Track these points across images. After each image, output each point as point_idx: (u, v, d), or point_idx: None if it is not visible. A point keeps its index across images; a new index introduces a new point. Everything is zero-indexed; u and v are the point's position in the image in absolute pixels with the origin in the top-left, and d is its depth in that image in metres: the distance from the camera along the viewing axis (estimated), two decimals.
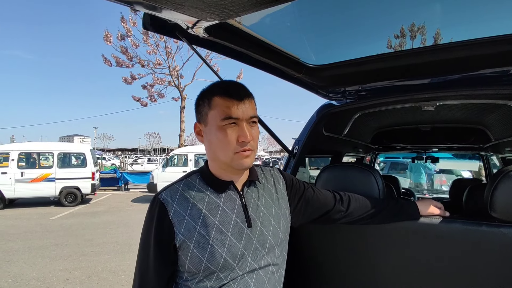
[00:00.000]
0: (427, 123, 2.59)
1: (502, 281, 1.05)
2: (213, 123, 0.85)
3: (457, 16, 1.15)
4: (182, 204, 0.85)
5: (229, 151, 0.84)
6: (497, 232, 1.03)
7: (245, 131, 0.83)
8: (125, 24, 14.20)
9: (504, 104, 1.58)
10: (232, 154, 0.84)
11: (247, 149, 0.84)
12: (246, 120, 0.84)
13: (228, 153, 0.84)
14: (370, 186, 1.23)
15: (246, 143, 0.84)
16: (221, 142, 0.84)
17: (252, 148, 0.86)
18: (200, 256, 0.82)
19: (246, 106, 0.84)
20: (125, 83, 15.61)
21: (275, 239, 0.93)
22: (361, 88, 1.56)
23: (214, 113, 0.84)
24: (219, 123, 0.83)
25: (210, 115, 0.85)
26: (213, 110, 0.84)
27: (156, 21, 0.95)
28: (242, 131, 0.83)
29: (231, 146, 0.83)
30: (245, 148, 0.84)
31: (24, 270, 4.40)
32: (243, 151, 0.84)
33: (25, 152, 9.87)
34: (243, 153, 0.84)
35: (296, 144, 1.66)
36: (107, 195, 12.37)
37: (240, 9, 0.67)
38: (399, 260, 1.20)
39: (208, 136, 0.87)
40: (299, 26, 1.23)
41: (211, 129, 0.86)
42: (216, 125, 0.84)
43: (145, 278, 0.86)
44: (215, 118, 0.84)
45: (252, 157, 0.87)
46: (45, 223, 7.49)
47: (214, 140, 0.85)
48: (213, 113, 0.85)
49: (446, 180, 5.88)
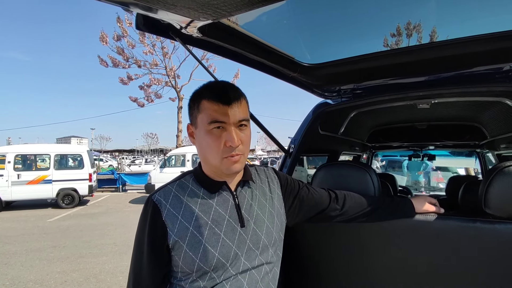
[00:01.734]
0: (423, 121, 2.60)
1: (496, 277, 1.06)
2: (201, 127, 0.84)
3: (452, 14, 1.15)
4: (175, 205, 0.85)
5: (217, 156, 0.83)
6: (492, 229, 1.03)
7: (232, 136, 0.82)
8: (121, 24, 14.14)
9: (499, 101, 1.59)
10: (220, 159, 0.83)
11: (235, 154, 0.83)
12: (234, 124, 0.83)
13: (216, 157, 0.83)
14: (365, 184, 1.24)
15: (234, 148, 0.82)
16: (209, 146, 0.83)
17: (241, 153, 0.85)
18: (193, 256, 0.82)
19: (235, 110, 0.83)
20: (121, 84, 15.56)
21: (269, 238, 0.93)
22: (356, 87, 1.56)
23: (202, 117, 0.84)
24: (206, 127, 0.83)
25: (199, 118, 0.85)
26: (201, 114, 0.84)
27: (149, 21, 0.95)
28: (229, 135, 0.82)
29: (218, 150, 0.83)
30: (233, 154, 0.83)
31: (22, 272, 4.37)
32: (231, 156, 0.83)
33: (22, 154, 9.79)
34: (231, 158, 0.83)
35: (292, 143, 1.66)
36: (104, 197, 12.30)
37: (232, 9, 0.67)
38: (394, 257, 1.21)
39: (198, 139, 0.87)
40: (293, 25, 1.23)
41: (200, 132, 0.85)
42: (204, 129, 0.83)
43: (139, 278, 0.86)
44: (203, 121, 0.83)
45: (241, 161, 0.86)
46: (43, 225, 7.44)
47: (203, 144, 0.85)
48: (201, 116, 0.84)
49: (443, 178, 5.90)
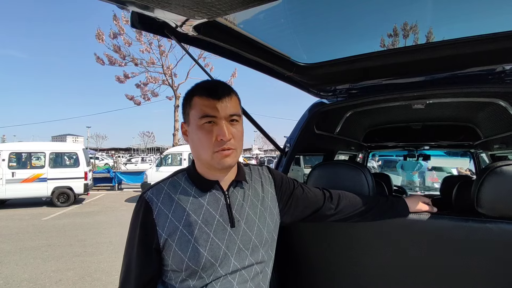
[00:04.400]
0: (418, 121, 2.62)
1: (489, 275, 1.07)
2: (193, 122, 0.86)
3: (448, 15, 1.16)
4: (166, 203, 0.86)
5: (208, 150, 0.84)
6: (484, 228, 1.05)
7: (223, 129, 0.83)
8: (117, 22, 14.04)
9: (492, 102, 1.60)
10: (212, 153, 0.84)
11: (226, 148, 0.84)
12: (225, 118, 0.84)
13: (208, 152, 0.84)
14: (360, 184, 1.24)
15: (225, 142, 0.83)
16: (200, 141, 0.84)
17: (233, 147, 0.86)
18: (182, 255, 0.82)
19: (225, 104, 0.84)
20: (118, 82, 15.46)
21: (259, 239, 0.93)
22: (351, 87, 1.56)
23: (194, 112, 0.85)
24: (197, 122, 0.84)
25: (191, 114, 0.87)
26: (193, 110, 0.86)
27: (144, 19, 0.95)
28: (220, 129, 0.83)
29: (209, 144, 0.83)
30: (224, 147, 0.83)
31: (16, 271, 4.34)
32: (222, 150, 0.84)
33: (16, 152, 9.71)
34: (222, 152, 0.84)
35: (287, 143, 1.67)
36: (100, 195, 12.25)
37: (227, 8, 0.67)
38: (388, 255, 1.22)
39: (191, 135, 0.88)
40: (289, 25, 1.23)
41: (192, 128, 0.86)
42: (196, 124, 0.85)
43: (129, 274, 0.86)
44: (195, 117, 0.85)
45: (233, 156, 0.86)
46: (37, 223, 7.39)
47: (195, 139, 0.86)
48: (193, 112, 0.86)
49: (437, 178, 5.96)
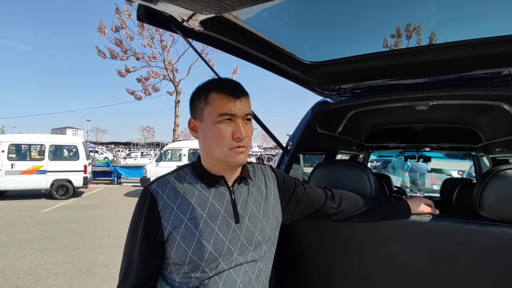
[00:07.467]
0: (420, 122, 2.61)
1: (490, 278, 1.07)
2: (209, 119, 0.86)
3: (452, 17, 1.15)
4: (172, 196, 0.86)
5: (224, 147, 0.85)
6: (485, 231, 1.05)
7: (240, 128, 0.85)
8: (120, 15, 13.96)
9: (496, 105, 1.60)
10: (227, 150, 0.85)
11: (241, 145, 0.86)
12: (241, 117, 0.86)
13: (223, 148, 0.85)
14: (362, 184, 1.24)
15: (241, 140, 0.85)
16: (217, 138, 0.85)
17: (246, 145, 0.88)
18: (185, 248, 0.83)
19: (242, 104, 0.86)
20: (119, 76, 15.42)
21: (262, 235, 0.94)
22: (355, 86, 1.56)
23: (211, 109, 0.85)
24: (215, 119, 0.84)
25: (206, 110, 0.86)
26: (210, 106, 0.86)
27: (150, 12, 0.94)
28: (237, 127, 0.85)
29: (226, 141, 0.84)
30: (239, 145, 0.85)
31: (14, 263, 4.35)
32: (237, 147, 0.85)
33: (16, 144, 9.71)
34: (237, 149, 0.85)
35: (290, 141, 1.66)
36: (99, 189, 12.25)
37: (236, 3, 0.67)
38: (388, 256, 1.22)
39: (204, 131, 0.88)
40: (296, 22, 1.23)
41: (207, 124, 0.86)
42: (212, 121, 0.85)
43: (130, 268, 0.86)
44: (211, 113, 0.85)
45: (245, 153, 0.88)
46: (36, 215, 7.40)
47: (210, 136, 0.86)
48: (209, 108, 0.86)
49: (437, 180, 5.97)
